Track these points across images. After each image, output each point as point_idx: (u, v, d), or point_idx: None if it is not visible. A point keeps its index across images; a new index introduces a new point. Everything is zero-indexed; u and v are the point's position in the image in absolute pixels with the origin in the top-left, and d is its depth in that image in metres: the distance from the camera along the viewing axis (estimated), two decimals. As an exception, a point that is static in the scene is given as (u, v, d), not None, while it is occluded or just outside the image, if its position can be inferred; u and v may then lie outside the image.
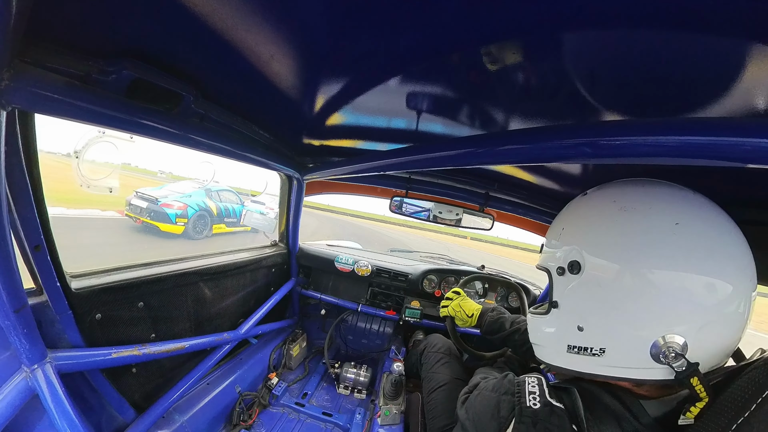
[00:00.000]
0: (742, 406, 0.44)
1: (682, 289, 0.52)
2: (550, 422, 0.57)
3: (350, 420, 1.87)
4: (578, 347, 0.63)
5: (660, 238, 0.55)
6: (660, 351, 0.53)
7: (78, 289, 0.97)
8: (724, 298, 0.52)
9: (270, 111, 1.15)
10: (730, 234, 0.55)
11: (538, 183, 1.50)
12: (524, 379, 0.67)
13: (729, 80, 0.51)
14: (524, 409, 0.60)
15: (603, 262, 0.59)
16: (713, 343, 0.53)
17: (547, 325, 0.70)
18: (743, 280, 0.53)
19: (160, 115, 0.92)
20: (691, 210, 0.57)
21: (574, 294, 0.64)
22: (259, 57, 0.72)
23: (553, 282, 0.70)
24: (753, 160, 0.45)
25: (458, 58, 0.62)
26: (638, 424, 0.55)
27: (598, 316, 0.60)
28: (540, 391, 0.63)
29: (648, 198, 0.60)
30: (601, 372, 0.61)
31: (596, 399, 0.60)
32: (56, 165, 8.80)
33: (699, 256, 0.53)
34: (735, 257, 0.54)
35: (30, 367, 0.82)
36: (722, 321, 0.53)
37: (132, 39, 0.72)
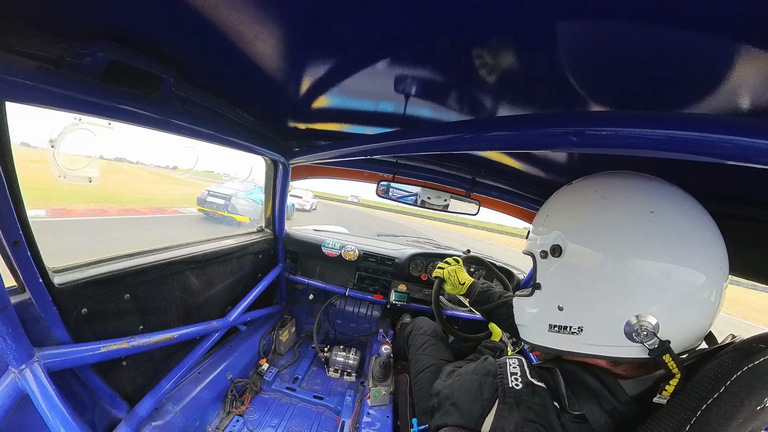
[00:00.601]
0: (712, 389, 0.47)
1: (654, 274, 0.55)
2: (532, 401, 0.60)
3: (341, 402, 1.91)
4: (558, 326, 0.66)
5: (635, 225, 0.58)
6: (633, 330, 0.56)
7: (61, 285, 0.94)
8: (694, 284, 0.55)
9: (254, 94, 1.11)
10: (703, 225, 0.58)
11: (524, 170, 1.52)
12: (505, 361, 0.70)
13: (715, 79, 0.52)
14: (507, 390, 0.62)
15: (581, 247, 0.62)
16: (684, 325, 0.57)
17: (530, 306, 0.73)
18: (713, 268, 0.57)
19: (140, 99, 0.87)
20: (667, 200, 0.59)
21: (555, 276, 0.67)
22: (243, 37, 0.69)
23: (536, 265, 0.73)
24: (732, 158, 0.47)
25: (448, 42, 0.61)
26: (616, 401, 0.58)
27: (576, 296, 0.63)
28: (521, 372, 0.65)
29: (627, 188, 0.63)
30: (579, 350, 0.63)
31: (577, 378, 0.63)
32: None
33: (672, 243, 0.56)
34: (706, 246, 0.57)
35: (18, 367, 0.79)
36: (692, 305, 0.56)
37: (108, 19, 0.67)
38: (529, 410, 0.59)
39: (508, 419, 0.59)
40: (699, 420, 0.46)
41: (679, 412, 0.48)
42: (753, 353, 0.47)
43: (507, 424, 0.59)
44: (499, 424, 0.60)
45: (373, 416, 1.57)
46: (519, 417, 0.58)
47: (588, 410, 0.57)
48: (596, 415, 0.57)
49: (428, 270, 2.40)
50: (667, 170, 0.79)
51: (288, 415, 1.80)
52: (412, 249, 2.55)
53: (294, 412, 1.83)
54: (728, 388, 0.46)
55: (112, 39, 0.73)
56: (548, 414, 0.58)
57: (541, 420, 0.57)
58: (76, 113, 0.81)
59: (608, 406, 0.57)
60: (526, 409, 0.59)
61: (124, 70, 0.78)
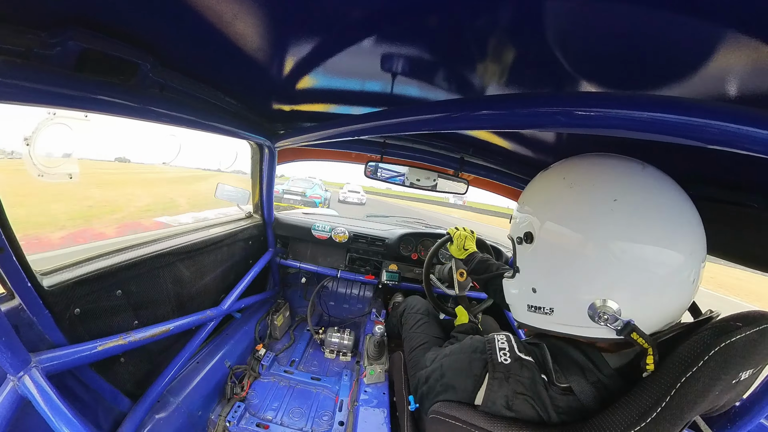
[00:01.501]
0: (691, 363, 0.50)
1: (617, 259, 0.57)
2: (521, 375, 0.63)
3: (338, 382, 1.95)
4: (534, 306, 0.70)
5: (598, 214, 0.59)
6: (595, 313, 0.59)
7: (51, 287, 0.91)
8: (660, 266, 0.57)
9: (236, 76, 1.07)
10: (672, 207, 0.59)
11: (512, 149, 1.52)
12: (493, 337, 0.72)
13: (704, 64, 0.53)
14: (497, 365, 0.65)
15: (549, 234, 0.66)
16: (653, 305, 0.59)
17: (512, 287, 0.78)
18: (684, 249, 0.58)
19: (116, 87, 0.83)
20: (633, 186, 0.60)
21: (529, 260, 0.71)
22: (222, 17, 0.66)
23: (515, 250, 0.76)
24: (716, 143, 0.48)
25: (436, 19, 0.59)
26: (601, 374, 0.61)
27: (545, 280, 0.67)
28: (509, 347, 0.68)
29: (593, 175, 0.64)
30: (554, 329, 0.67)
31: (563, 352, 0.66)
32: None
33: (635, 231, 0.57)
34: (675, 229, 0.58)
35: (16, 375, 0.78)
36: (662, 286, 0.58)
37: (75, 5, 0.63)
38: (518, 383, 0.62)
39: (498, 393, 0.62)
40: (678, 392, 0.49)
41: (660, 385, 0.51)
42: (730, 330, 0.50)
43: (498, 397, 0.62)
44: (490, 397, 0.63)
45: (369, 393, 1.62)
46: (509, 390, 0.62)
47: (574, 382, 0.60)
48: (582, 387, 0.60)
49: (418, 249, 2.42)
50: (653, 152, 0.81)
51: (288, 397, 1.84)
52: (401, 229, 2.57)
53: (293, 394, 1.87)
54: (706, 362, 0.49)
55: (83, 26, 0.69)
56: (537, 386, 0.61)
57: (530, 392, 0.60)
58: (49, 107, 0.77)
59: (592, 379, 0.60)
60: (515, 383, 0.62)
61: (98, 59, 0.74)
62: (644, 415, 0.50)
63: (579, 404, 0.59)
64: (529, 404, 0.60)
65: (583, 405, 0.59)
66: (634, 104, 0.52)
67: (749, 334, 0.50)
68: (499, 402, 0.62)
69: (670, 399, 0.49)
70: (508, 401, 0.61)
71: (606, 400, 0.58)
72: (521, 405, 0.61)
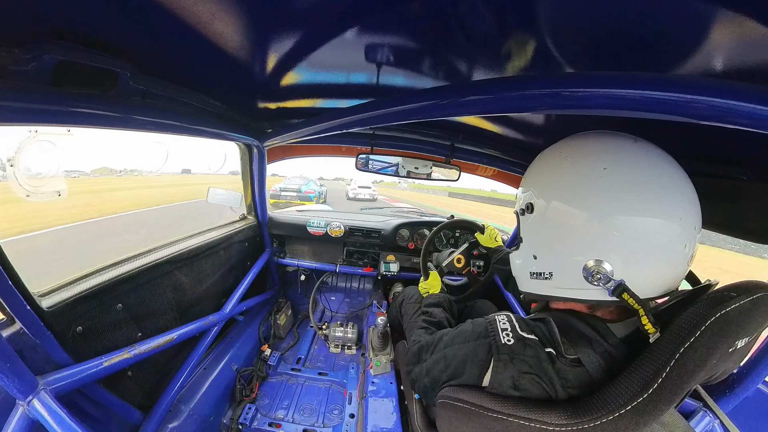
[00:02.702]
0: (688, 334, 0.51)
1: (608, 223, 0.59)
2: (525, 354, 0.63)
3: (345, 375, 1.98)
4: (535, 273, 0.72)
5: (590, 181, 0.62)
6: (589, 273, 0.61)
7: (50, 307, 0.90)
8: (649, 234, 0.59)
9: (219, 77, 1.05)
10: (661, 177, 0.61)
11: (502, 133, 1.52)
12: (494, 318, 0.73)
13: (690, 40, 0.53)
14: (500, 347, 0.65)
15: (546, 202, 0.69)
16: (644, 271, 0.60)
17: (517, 258, 0.81)
18: (673, 217, 0.60)
19: (96, 99, 0.81)
20: (623, 155, 0.63)
21: (529, 229, 0.74)
22: (199, 18, 0.64)
23: (519, 221, 0.79)
24: (704, 117, 0.49)
25: (418, 5, 0.58)
26: (607, 344, 0.62)
27: (544, 245, 0.70)
28: (511, 327, 0.69)
29: (585, 147, 0.67)
30: (554, 293, 0.70)
31: (569, 325, 0.67)
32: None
33: (624, 198, 0.59)
34: (665, 198, 0.60)
35: (25, 399, 0.77)
36: (649, 253, 0.60)
37: (46, 16, 0.61)
38: (523, 363, 0.62)
39: (504, 374, 0.63)
40: (677, 362, 0.50)
41: (659, 356, 0.52)
42: (724, 301, 0.52)
43: (504, 378, 0.63)
44: (497, 378, 0.64)
45: (377, 384, 1.64)
46: (514, 370, 0.63)
47: (582, 353, 0.62)
48: (590, 357, 0.61)
49: (414, 239, 2.43)
50: (644, 130, 0.81)
51: (297, 395, 1.85)
52: (397, 219, 2.57)
53: (302, 391, 1.89)
54: (703, 332, 0.50)
55: (57, 38, 0.67)
56: (542, 364, 0.62)
57: (536, 370, 0.62)
58: (30, 125, 0.74)
59: (600, 349, 0.62)
60: (520, 363, 0.63)
61: (75, 70, 0.72)
62: (646, 386, 0.51)
63: (587, 376, 0.60)
64: (536, 382, 0.61)
65: (591, 377, 0.60)
66: (621, 83, 0.53)
67: (743, 304, 0.51)
68: (506, 383, 0.63)
69: (670, 369, 0.50)
70: (514, 381, 0.62)
71: (613, 370, 0.60)
72: (528, 384, 0.62)
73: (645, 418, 0.51)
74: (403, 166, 1.93)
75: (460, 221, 2.09)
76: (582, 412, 0.55)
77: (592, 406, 0.55)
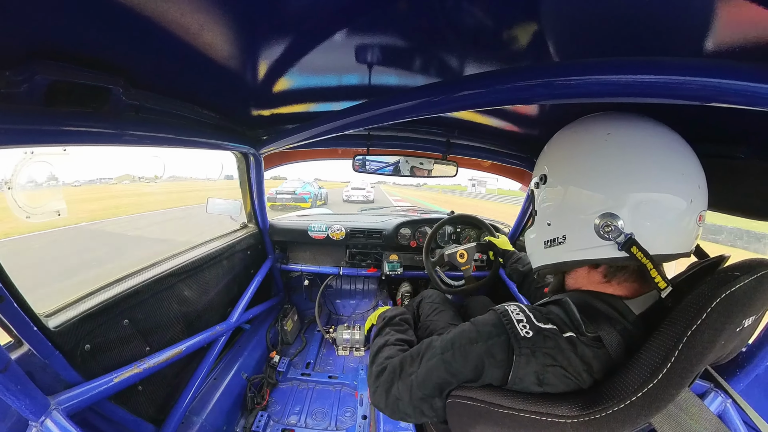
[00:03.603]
0: (695, 315, 0.51)
1: (613, 181, 0.63)
2: (546, 346, 0.59)
3: (355, 377, 1.98)
4: (550, 240, 0.74)
5: (593, 146, 0.67)
6: (600, 227, 0.63)
7: (57, 327, 0.90)
8: (654, 193, 0.62)
9: (211, 87, 1.05)
10: (661, 140, 0.64)
11: (497, 126, 1.52)
12: (506, 310, 0.68)
13: (680, 21, 0.53)
14: (520, 341, 0.61)
15: (557, 170, 0.74)
16: (652, 227, 0.62)
17: (532, 232, 0.83)
18: (676, 175, 0.62)
19: (90, 116, 0.81)
20: (625, 123, 0.67)
21: (544, 199, 0.77)
22: (188, 29, 0.64)
23: (534, 195, 0.83)
24: (696, 98, 0.49)
25: (405, 4, 0.58)
26: (626, 322, 0.62)
27: (557, 210, 0.73)
28: (526, 318, 0.65)
29: (592, 121, 0.72)
30: (569, 257, 0.71)
31: (588, 305, 0.66)
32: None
33: (628, 157, 0.62)
34: (667, 159, 0.62)
35: (38, 420, 0.77)
36: (656, 209, 0.62)
37: (34, 37, 0.61)
38: (546, 356, 0.59)
39: (527, 369, 0.60)
40: (685, 345, 0.50)
41: (667, 341, 0.52)
42: (729, 281, 0.52)
43: (526, 373, 0.60)
44: (518, 374, 0.61)
45: (388, 383, 1.64)
46: (537, 365, 0.59)
47: (603, 331, 0.60)
48: (611, 336, 0.60)
49: (416, 237, 2.43)
50: (647, 113, 0.81)
51: (309, 400, 1.86)
52: (397, 219, 2.57)
53: (314, 396, 1.89)
54: (709, 314, 0.50)
55: (46, 57, 0.67)
56: (565, 353, 0.59)
57: (559, 361, 0.59)
58: (25, 147, 0.74)
59: (619, 327, 0.61)
60: (542, 356, 0.59)
61: (67, 89, 0.72)
62: (655, 372, 0.51)
63: (608, 357, 0.59)
64: (562, 373, 0.58)
65: (611, 357, 0.59)
66: (611, 68, 0.53)
67: (748, 283, 0.51)
68: (528, 378, 0.59)
69: (678, 353, 0.50)
70: (538, 376, 0.59)
71: (631, 348, 0.59)
72: (553, 378, 0.59)
73: (657, 404, 0.51)
74: (405, 164, 1.92)
75: (460, 216, 2.09)
76: (593, 402, 0.55)
77: (603, 395, 0.55)
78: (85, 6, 0.53)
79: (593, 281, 0.71)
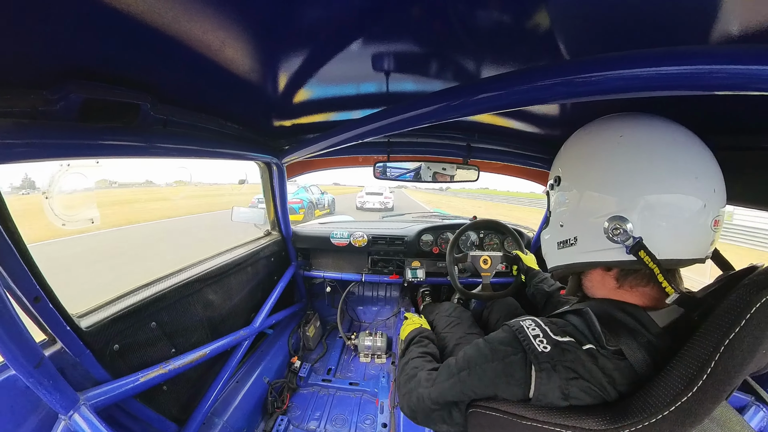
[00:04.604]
0: (732, 323, 0.47)
1: (625, 184, 0.62)
2: (566, 360, 0.58)
3: (376, 384, 1.96)
4: (562, 241, 0.75)
5: (608, 148, 0.67)
6: (609, 229, 0.62)
7: (89, 327, 0.96)
8: (666, 196, 0.60)
9: (233, 100, 1.09)
10: (675, 141, 0.62)
11: (518, 128, 1.49)
12: (520, 326, 0.67)
13: (702, 5, 0.49)
14: (539, 356, 0.59)
15: (570, 172, 0.75)
16: (662, 232, 0.60)
17: (546, 233, 0.84)
18: (689, 178, 0.60)
19: (121, 131, 0.86)
20: (638, 124, 0.66)
21: (557, 201, 0.78)
22: (210, 46, 0.67)
23: (549, 197, 0.84)
24: (723, 87, 0.46)
25: (419, 10, 0.59)
26: (649, 334, 0.58)
27: (570, 211, 0.73)
28: (542, 332, 0.63)
29: (605, 123, 0.72)
30: (580, 259, 0.71)
31: (609, 316, 0.63)
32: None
33: (640, 159, 0.62)
34: (681, 161, 0.60)
35: (66, 414, 0.82)
36: (667, 213, 0.60)
37: (68, 59, 0.65)
38: (566, 370, 0.57)
39: (549, 384, 0.58)
40: (723, 356, 0.46)
41: (704, 348, 0.48)
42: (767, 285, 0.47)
43: (549, 389, 0.58)
44: (542, 390, 0.59)
45: (410, 392, 1.61)
46: (560, 380, 0.57)
47: (624, 345, 0.57)
48: (633, 349, 0.57)
49: (438, 243, 2.40)
50: (661, 108, 0.77)
51: (329, 406, 1.86)
52: (419, 225, 2.55)
53: (334, 402, 1.89)
54: (748, 321, 0.46)
55: (79, 78, 0.71)
56: (585, 365, 0.57)
57: (581, 373, 0.57)
58: (61, 160, 0.80)
59: (642, 340, 0.57)
60: (563, 370, 0.57)
61: (99, 106, 0.77)
62: (690, 384, 0.47)
63: (631, 371, 0.56)
64: (587, 385, 0.56)
65: (635, 371, 0.56)
66: (633, 62, 0.50)
67: None
68: (553, 394, 0.58)
69: (715, 364, 0.46)
70: (563, 391, 0.57)
71: (657, 362, 0.55)
72: (577, 392, 0.56)
73: (691, 419, 0.47)
74: (427, 170, 1.91)
75: (483, 222, 2.05)
76: (622, 415, 0.52)
77: (632, 409, 0.51)
78: (114, 29, 0.57)
79: (608, 286, 0.70)
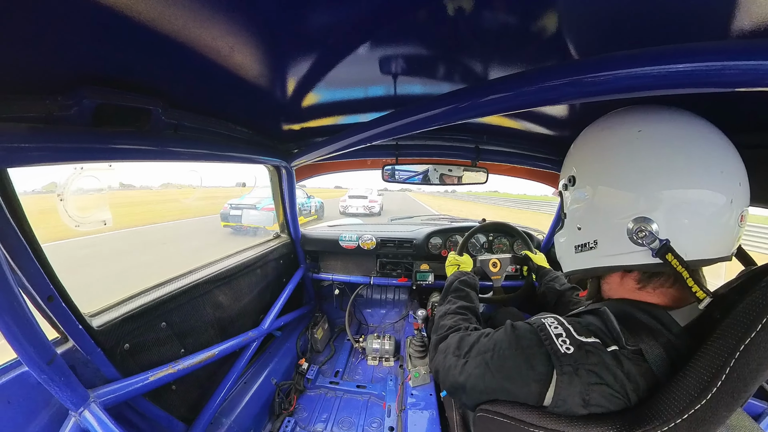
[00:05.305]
0: (748, 327, 0.45)
1: (647, 182, 0.60)
2: (589, 363, 0.54)
3: (384, 387, 1.96)
4: (580, 245, 0.72)
5: (627, 144, 0.64)
6: (634, 231, 0.59)
7: (100, 326, 0.98)
8: (689, 193, 0.57)
9: (243, 105, 1.11)
10: (696, 135, 0.59)
11: (526, 129, 1.48)
12: (542, 323, 0.63)
13: (710, 2, 0.49)
14: (561, 357, 0.56)
15: (586, 171, 0.71)
16: (687, 232, 0.58)
17: (561, 236, 0.81)
18: (712, 173, 0.57)
19: (133, 135, 0.88)
20: (657, 118, 0.63)
21: (573, 202, 0.75)
22: (219, 52, 0.68)
23: (563, 198, 0.81)
24: (737, 84, 0.45)
25: (425, 13, 0.59)
26: (670, 334, 0.56)
27: (588, 214, 0.70)
28: (565, 331, 0.60)
29: (622, 117, 0.69)
30: (601, 263, 0.68)
31: (629, 316, 0.61)
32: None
33: (661, 156, 0.59)
34: (703, 155, 0.58)
35: (77, 411, 0.84)
36: (691, 211, 0.57)
37: (83, 65, 0.68)
38: (589, 374, 0.54)
39: (570, 389, 0.55)
40: (738, 361, 0.44)
41: (719, 353, 0.46)
42: None
43: (570, 394, 0.55)
44: (561, 395, 0.56)
45: (416, 396, 1.61)
46: (581, 385, 0.54)
47: (644, 344, 0.55)
48: (653, 350, 0.55)
49: (447, 246, 2.39)
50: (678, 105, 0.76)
51: (336, 408, 1.86)
52: (428, 228, 2.54)
53: (341, 405, 1.89)
54: (765, 325, 0.44)
55: (93, 83, 0.74)
56: (610, 368, 0.54)
57: (604, 378, 0.54)
58: (75, 163, 0.82)
59: (662, 340, 0.56)
60: (586, 374, 0.54)
61: (112, 111, 0.79)
62: (704, 391, 0.45)
63: (651, 374, 0.54)
64: (609, 392, 0.53)
65: (654, 374, 0.54)
66: (642, 60, 0.49)
67: None
68: (573, 400, 0.54)
69: (730, 370, 0.44)
70: (583, 397, 0.54)
71: (676, 363, 0.54)
72: (600, 397, 0.53)
73: (705, 427, 0.45)
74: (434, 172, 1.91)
75: (493, 224, 2.03)
76: (633, 423, 0.50)
77: (644, 416, 0.50)
78: (126, 37, 0.59)
79: (628, 288, 0.67)
